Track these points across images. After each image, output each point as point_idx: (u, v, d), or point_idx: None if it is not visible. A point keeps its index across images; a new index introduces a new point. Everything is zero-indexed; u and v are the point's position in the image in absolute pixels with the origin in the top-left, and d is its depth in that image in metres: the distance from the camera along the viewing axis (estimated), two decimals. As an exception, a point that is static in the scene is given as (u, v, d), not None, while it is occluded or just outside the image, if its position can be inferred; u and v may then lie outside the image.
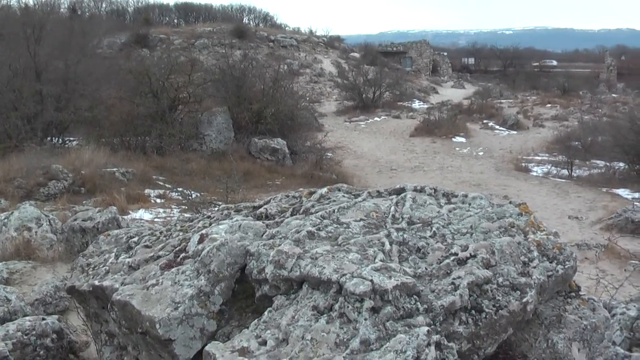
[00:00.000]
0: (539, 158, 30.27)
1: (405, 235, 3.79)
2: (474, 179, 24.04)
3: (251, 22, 77.57)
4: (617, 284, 8.26)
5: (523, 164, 28.14)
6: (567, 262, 3.85)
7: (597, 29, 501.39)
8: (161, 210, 14.95)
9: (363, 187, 17.63)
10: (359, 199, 4.44)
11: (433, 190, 4.56)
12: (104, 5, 74.41)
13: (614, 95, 61.08)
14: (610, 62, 79.66)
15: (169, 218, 13.67)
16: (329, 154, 25.24)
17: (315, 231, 3.81)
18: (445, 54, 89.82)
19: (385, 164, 27.30)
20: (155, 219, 13.52)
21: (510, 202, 4.36)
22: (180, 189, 16.99)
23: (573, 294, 4.09)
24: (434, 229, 3.90)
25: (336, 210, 4.14)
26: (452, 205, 4.30)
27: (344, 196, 4.55)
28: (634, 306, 6.03)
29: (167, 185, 18.06)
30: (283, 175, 21.53)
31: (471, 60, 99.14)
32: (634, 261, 9.33)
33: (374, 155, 29.69)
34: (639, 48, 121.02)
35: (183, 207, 15.05)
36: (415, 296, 3.23)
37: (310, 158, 24.04)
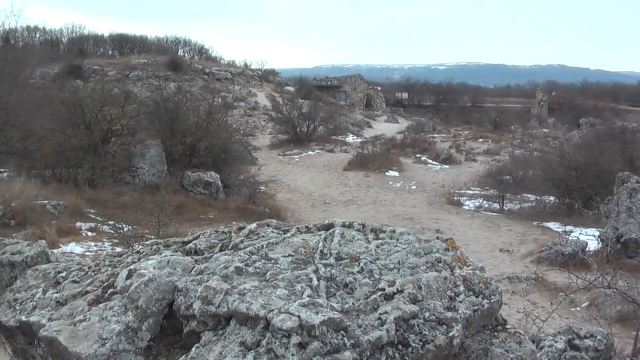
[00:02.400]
0: (471, 192, 30.59)
1: (333, 271, 3.81)
2: (407, 213, 24.20)
3: (186, 55, 77.54)
4: (543, 317, 8.38)
5: (455, 198, 28.42)
6: (492, 297, 3.90)
7: (529, 64, 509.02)
8: (93, 243, 14.81)
9: (296, 221, 17.65)
10: (288, 234, 4.46)
11: (361, 226, 4.59)
12: (37, 35, 73.88)
13: (544, 130, 62.13)
14: (541, 97, 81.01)
15: (100, 252, 13.56)
16: (262, 188, 25.21)
17: (244, 267, 3.81)
18: (379, 88, 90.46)
19: (318, 198, 27.36)
20: (87, 253, 13.40)
21: (437, 238, 4.41)
22: (112, 223, 16.86)
23: (500, 327, 4.14)
24: (361, 264, 3.93)
25: (265, 246, 4.15)
26: (380, 241, 4.34)
27: (273, 232, 4.56)
28: (561, 338, 6.12)
29: (99, 219, 17.88)
30: (216, 208, 21.45)
31: (405, 95, 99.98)
32: (562, 294, 9.47)
33: (308, 189, 29.74)
34: (569, 83, 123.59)
35: (115, 240, 14.92)
36: (342, 331, 3.25)
37: (243, 191, 24.02)
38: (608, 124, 42.70)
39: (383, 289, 3.63)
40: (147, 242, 5.03)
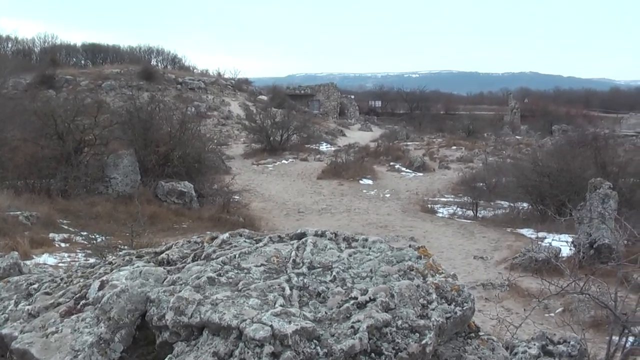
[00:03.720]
0: (445, 199, 30.66)
1: (305, 280, 3.82)
2: (381, 221, 24.22)
3: (159, 64, 77.31)
4: (517, 323, 8.41)
5: (429, 206, 28.47)
6: (465, 304, 3.92)
7: (502, 72, 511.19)
8: (66, 254, 14.71)
9: (270, 230, 17.66)
10: (260, 244, 4.46)
11: (334, 235, 4.60)
12: (9, 45, 73.49)
13: (517, 137, 62.39)
14: (514, 104, 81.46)
15: (73, 263, 13.45)
16: (236, 197, 25.15)
17: (216, 277, 3.81)
18: (353, 96, 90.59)
19: (292, 207, 27.33)
20: (60, 264, 13.32)
21: (409, 246, 4.43)
22: (85, 233, 16.78)
23: (472, 334, 4.16)
24: (334, 273, 3.93)
25: (237, 256, 4.15)
26: (353, 250, 4.35)
27: (245, 241, 4.56)
28: (535, 344, 6.14)
29: (72, 229, 17.78)
30: (190, 218, 21.37)
31: (378, 103, 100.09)
32: (536, 300, 9.52)
33: (282, 197, 29.71)
34: (542, 91, 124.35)
35: (88, 251, 14.84)
36: (315, 340, 3.26)
37: (217, 201, 23.96)
38: (580, 131, 42.90)
39: (356, 298, 3.64)
40: (120, 253, 5.02)
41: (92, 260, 9.59)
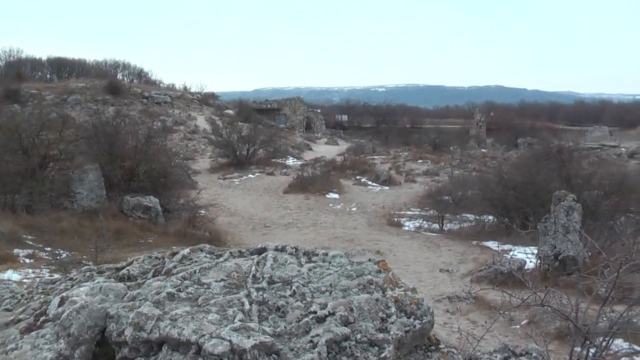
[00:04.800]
0: (411, 213, 30.70)
1: (265, 295, 3.83)
2: (347, 235, 24.22)
3: (125, 78, 76.97)
4: (485, 335, 8.45)
5: (395, 219, 28.49)
6: (424, 317, 3.94)
7: (467, 86, 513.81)
8: (30, 270, 14.58)
9: (236, 244, 17.59)
10: (221, 259, 4.47)
11: (294, 250, 4.62)
12: (-27, 59, 73.03)
13: (483, 150, 62.77)
14: (480, 118, 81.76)
15: (37, 279, 13.38)
16: (202, 212, 25.04)
17: (176, 292, 3.82)
18: (319, 110, 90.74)
19: (259, 221, 27.28)
20: (24, 280, 13.21)
21: (369, 260, 4.45)
22: (50, 249, 16.66)
23: (433, 347, 4.18)
24: (293, 287, 3.95)
25: (197, 271, 4.16)
26: (313, 264, 4.37)
27: (206, 257, 4.57)
28: (497, 356, 6.17)
29: (37, 245, 17.65)
30: (156, 233, 21.26)
31: (344, 117, 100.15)
32: (500, 312, 9.58)
33: (248, 212, 29.66)
34: (507, 104, 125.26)
35: (53, 267, 14.74)
36: (274, 355, 3.27)
37: (183, 216, 23.86)
38: (545, 144, 43.15)
39: (315, 312, 3.66)
40: (82, 269, 5.00)
41: (56, 276, 9.57)
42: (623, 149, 63.47)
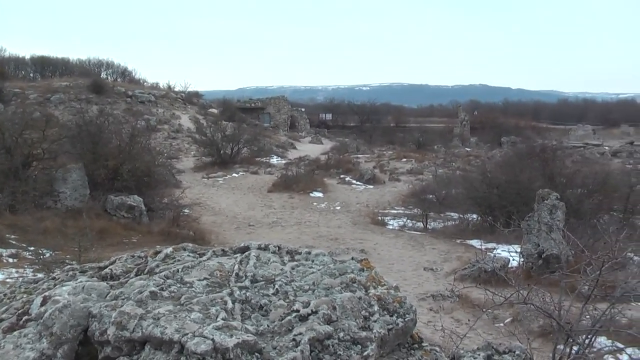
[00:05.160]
0: (395, 211, 30.73)
1: (248, 294, 3.83)
2: (332, 234, 24.22)
3: (109, 77, 76.60)
4: (469, 334, 8.46)
5: (379, 218, 28.51)
6: (407, 315, 3.95)
7: (451, 84, 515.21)
8: (14, 270, 14.54)
9: (220, 243, 17.54)
10: (204, 257, 4.46)
11: (277, 248, 4.62)
12: (-44, 58, 72.64)
13: (467, 149, 62.95)
14: (464, 116, 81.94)
15: (21, 278, 13.33)
16: (186, 211, 25.01)
17: (158, 291, 3.81)
18: (303, 109, 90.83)
19: (243, 220, 27.25)
20: (8, 280, 13.16)
21: (352, 258, 4.46)
22: (33, 249, 16.61)
23: (416, 345, 4.19)
24: (276, 286, 3.95)
25: (180, 270, 4.15)
26: (296, 263, 4.37)
27: (189, 255, 4.56)
28: (480, 354, 6.18)
29: (20, 245, 17.58)
30: (140, 232, 21.20)
31: (329, 116, 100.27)
32: (484, 310, 9.60)
33: (232, 211, 29.62)
34: (491, 103, 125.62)
35: (36, 267, 14.70)
36: (257, 354, 3.27)
37: (167, 215, 23.78)
38: (529, 142, 43.27)
39: (298, 310, 3.66)
40: (65, 268, 4.99)
41: (39, 276, 9.54)
42: (606, 148, 63.82)
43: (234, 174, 41.54)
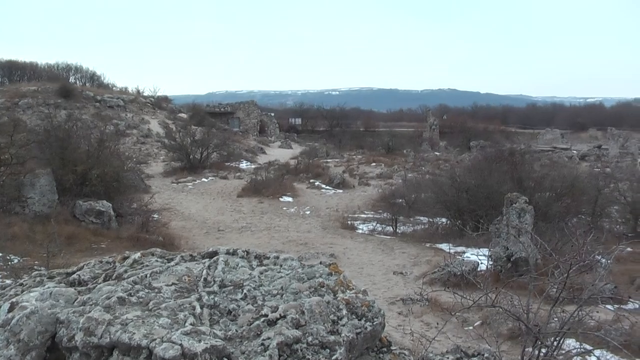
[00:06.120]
0: (365, 216, 30.75)
1: (216, 299, 3.83)
2: (301, 238, 24.21)
3: (78, 82, 76.26)
4: (438, 337, 8.50)
5: (349, 222, 28.51)
6: (375, 319, 3.97)
7: (420, 89, 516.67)
8: (-19, 276, 14.47)
9: (190, 248, 17.49)
10: (172, 263, 4.46)
11: (245, 253, 4.62)
12: None
13: (436, 153, 63.00)
14: (433, 121, 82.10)
15: (-12, 284, 13.23)
16: (155, 216, 24.94)
17: (126, 297, 3.80)
18: (273, 114, 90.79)
19: (212, 225, 27.17)
20: (-25, 286, 13.06)
21: (320, 263, 4.46)
22: (1, 255, 16.51)
23: (385, 349, 4.21)
24: (245, 291, 3.95)
25: (148, 275, 4.14)
26: (264, 267, 4.38)
27: (157, 261, 4.55)
28: (449, 357, 6.22)
29: (-13, 251, 17.47)
30: (109, 238, 21.10)
31: (298, 121, 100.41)
32: (454, 313, 9.65)
33: (202, 216, 29.53)
34: (460, 107, 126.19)
35: (4, 273, 14.60)
36: (225, 358, 3.27)
37: (136, 220, 23.66)
38: (498, 146, 43.52)
39: (266, 315, 3.66)
40: (32, 274, 4.96)
41: (7, 282, 9.45)
42: (575, 152, 64.21)
43: (203, 179, 41.41)
